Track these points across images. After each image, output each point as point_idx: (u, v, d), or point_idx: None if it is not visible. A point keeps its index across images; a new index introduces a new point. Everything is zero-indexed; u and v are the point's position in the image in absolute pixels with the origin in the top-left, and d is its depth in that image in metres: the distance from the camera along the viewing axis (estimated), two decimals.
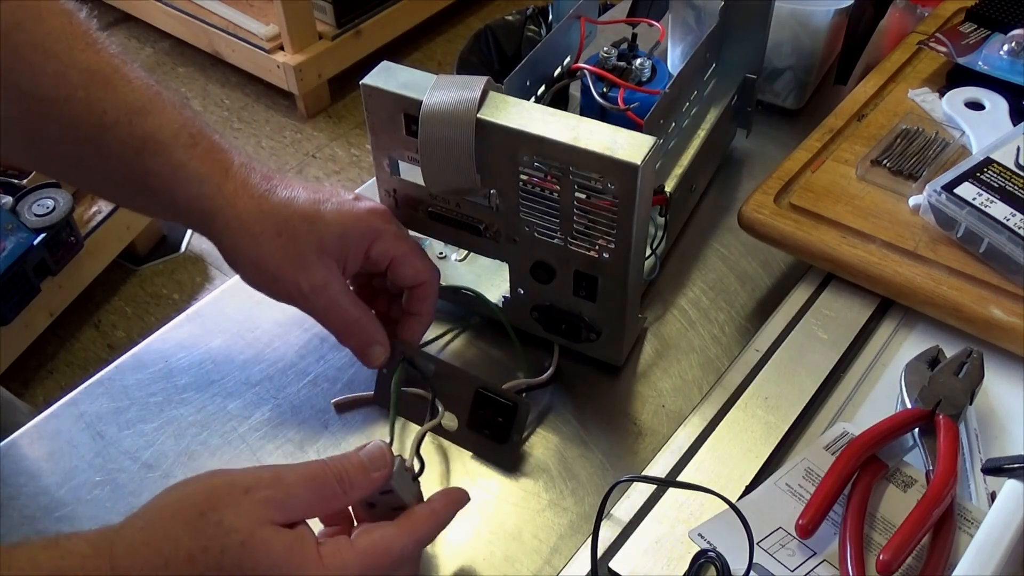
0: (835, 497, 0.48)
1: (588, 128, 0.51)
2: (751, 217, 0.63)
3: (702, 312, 0.65)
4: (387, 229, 0.55)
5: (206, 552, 0.40)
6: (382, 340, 0.55)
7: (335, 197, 0.55)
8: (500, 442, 0.55)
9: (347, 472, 0.44)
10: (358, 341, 0.55)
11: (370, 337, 0.55)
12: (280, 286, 0.54)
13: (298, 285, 0.53)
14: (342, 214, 0.54)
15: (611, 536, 0.50)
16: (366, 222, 0.54)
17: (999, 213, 0.59)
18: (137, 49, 2.48)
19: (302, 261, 0.53)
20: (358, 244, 0.54)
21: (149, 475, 0.56)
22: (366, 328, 0.55)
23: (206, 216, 0.53)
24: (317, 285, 0.53)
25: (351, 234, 0.54)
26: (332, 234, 0.53)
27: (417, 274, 0.57)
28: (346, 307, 0.54)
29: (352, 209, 0.54)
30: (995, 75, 0.72)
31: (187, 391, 0.61)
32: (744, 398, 0.56)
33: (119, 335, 1.78)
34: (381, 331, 0.56)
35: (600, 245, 0.54)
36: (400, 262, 0.56)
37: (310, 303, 0.54)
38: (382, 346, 0.55)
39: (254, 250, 0.53)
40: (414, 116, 0.54)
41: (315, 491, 0.43)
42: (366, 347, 0.55)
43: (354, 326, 0.55)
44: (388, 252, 0.55)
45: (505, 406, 0.55)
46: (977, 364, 0.55)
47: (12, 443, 0.58)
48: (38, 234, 1.57)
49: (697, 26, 0.74)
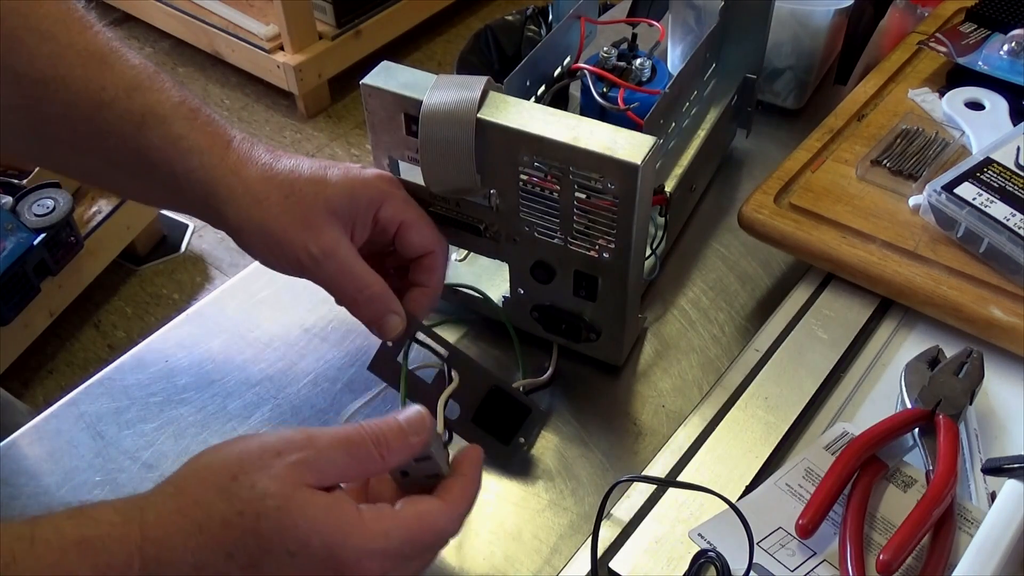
0: (835, 497, 0.48)
1: (588, 128, 0.51)
2: (751, 217, 0.63)
3: (702, 312, 0.65)
4: (395, 193, 0.54)
5: (242, 516, 0.39)
6: (398, 309, 0.52)
7: (340, 165, 0.53)
8: (503, 442, 0.55)
9: (384, 436, 0.42)
10: (373, 310, 0.52)
11: (386, 306, 0.52)
12: (287, 251, 0.51)
13: (307, 247, 0.50)
14: (349, 178, 0.52)
15: (611, 536, 0.50)
16: (374, 185, 0.53)
17: (999, 213, 0.59)
18: (137, 49, 2.44)
19: (309, 223, 0.50)
20: (366, 207, 0.52)
21: (149, 475, 0.56)
22: (380, 295, 0.52)
23: (208, 187, 0.51)
24: (327, 248, 0.50)
25: (360, 196, 0.52)
26: (340, 196, 0.51)
27: (425, 241, 0.54)
28: (359, 272, 0.51)
29: (359, 174, 0.53)
30: (995, 75, 0.72)
31: (187, 391, 0.61)
32: (744, 398, 0.56)
33: (119, 335, 1.78)
34: (395, 300, 0.52)
35: (600, 245, 0.54)
36: (408, 227, 0.54)
37: (320, 268, 0.51)
38: (399, 315, 0.52)
39: (259, 215, 0.51)
40: (414, 116, 0.54)
41: (350, 454, 0.41)
42: (382, 316, 0.52)
43: (368, 291, 0.51)
44: (396, 216, 0.53)
45: (515, 408, 0.55)
46: (977, 364, 0.55)
47: (12, 443, 0.58)
48: (38, 234, 1.57)
49: (697, 26, 0.74)
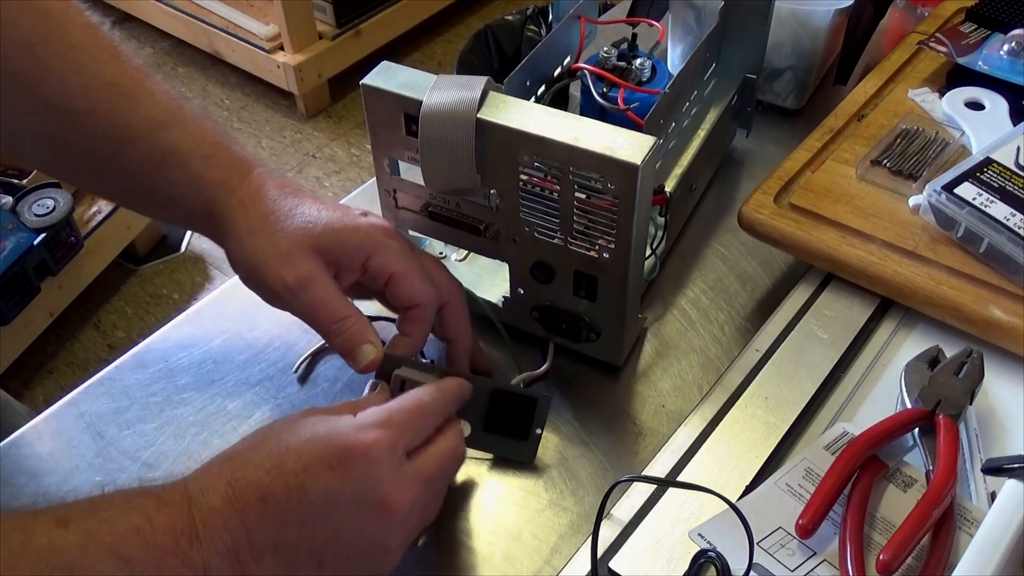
0: (835, 497, 0.48)
1: (588, 128, 0.51)
2: (751, 217, 0.63)
3: (702, 312, 0.65)
4: (388, 244, 0.54)
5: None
6: (374, 340, 0.53)
7: (343, 210, 0.54)
8: (520, 439, 0.55)
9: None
10: (345, 340, 0.52)
11: (359, 336, 0.52)
12: (265, 280, 0.52)
13: (282, 278, 0.52)
14: (343, 222, 0.53)
15: (611, 536, 0.50)
16: (366, 233, 0.54)
17: (999, 213, 0.59)
18: (137, 49, 2.48)
19: (290, 256, 0.52)
20: (353, 252, 0.53)
21: (149, 475, 0.56)
22: (352, 326, 0.52)
23: (217, 219, 0.54)
24: (302, 279, 0.52)
25: (347, 242, 0.53)
26: (328, 238, 0.52)
27: (413, 295, 0.55)
28: (332, 303, 0.52)
29: (354, 221, 0.54)
30: (995, 75, 0.72)
31: (187, 391, 0.61)
32: (744, 398, 0.56)
33: (119, 335, 1.78)
34: (372, 331, 0.53)
35: (600, 245, 0.54)
36: (397, 280, 0.54)
37: (295, 298, 0.52)
38: (373, 345, 0.52)
39: (248, 247, 0.53)
40: (414, 116, 0.54)
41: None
42: (354, 346, 0.53)
43: (341, 324, 0.52)
44: (387, 267, 0.54)
45: (522, 403, 0.55)
46: (977, 364, 0.55)
47: (12, 443, 0.58)
48: (38, 234, 1.57)
49: (697, 26, 0.74)
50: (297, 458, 0.43)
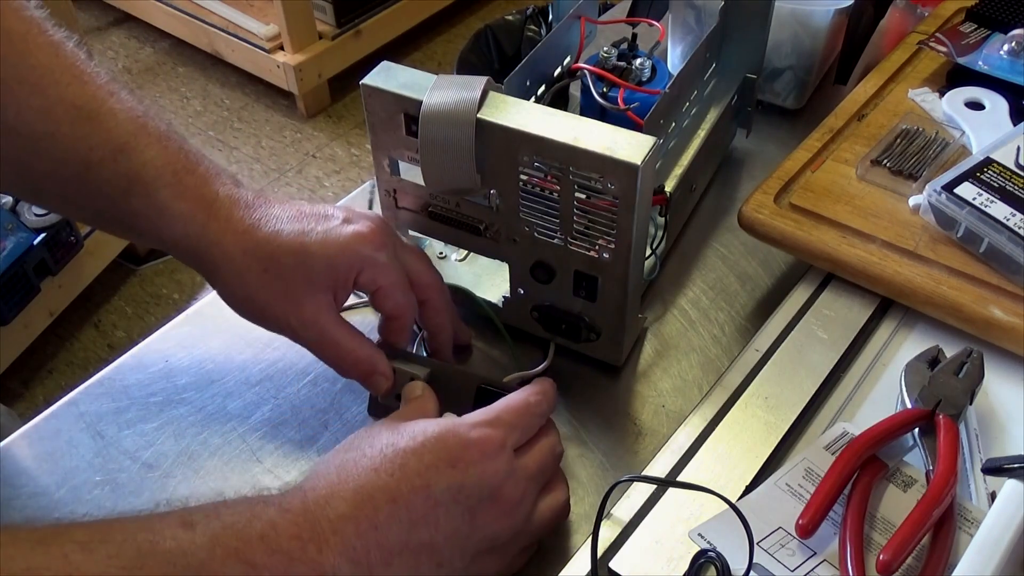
0: (835, 497, 0.48)
1: (588, 128, 0.51)
2: (751, 217, 0.63)
3: (702, 312, 0.65)
4: (374, 258, 0.54)
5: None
6: (384, 370, 0.54)
7: (321, 224, 0.53)
8: None
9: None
10: (358, 372, 0.54)
11: (370, 367, 0.54)
12: (271, 321, 0.54)
13: (287, 320, 0.53)
14: (327, 244, 0.53)
15: (611, 536, 0.50)
16: (353, 250, 0.53)
17: (999, 213, 0.59)
18: (137, 49, 2.49)
19: (290, 296, 0.52)
20: (346, 274, 0.53)
21: (149, 475, 0.56)
22: (362, 360, 0.54)
23: (194, 255, 0.53)
24: (307, 319, 0.53)
25: (339, 264, 0.53)
26: (320, 266, 0.52)
27: (395, 308, 0.56)
28: (339, 340, 0.53)
29: (338, 237, 0.53)
30: (995, 75, 0.72)
31: (187, 391, 0.61)
32: (744, 398, 0.56)
33: (119, 335, 1.78)
34: (382, 360, 0.54)
35: (600, 245, 0.54)
36: (382, 294, 0.55)
37: (304, 336, 0.53)
38: (384, 375, 0.54)
39: (243, 288, 0.53)
40: (414, 116, 0.54)
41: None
42: (367, 377, 0.54)
43: (349, 358, 0.54)
44: (375, 282, 0.54)
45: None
46: (977, 364, 0.55)
47: (12, 443, 0.58)
48: (38, 234, 1.57)
49: (697, 26, 0.74)
50: (418, 459, 0.44)
